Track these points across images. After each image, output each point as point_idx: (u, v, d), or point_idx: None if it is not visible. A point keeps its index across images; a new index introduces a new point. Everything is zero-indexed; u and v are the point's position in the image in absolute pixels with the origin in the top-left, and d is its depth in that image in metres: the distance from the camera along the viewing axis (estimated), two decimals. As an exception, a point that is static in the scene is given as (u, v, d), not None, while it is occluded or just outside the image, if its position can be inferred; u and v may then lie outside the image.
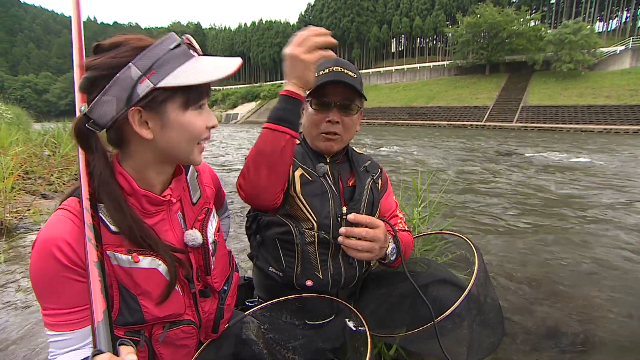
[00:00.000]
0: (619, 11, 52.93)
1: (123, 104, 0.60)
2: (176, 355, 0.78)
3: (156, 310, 0.70)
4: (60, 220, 0.64)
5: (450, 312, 0.86)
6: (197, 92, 0.66)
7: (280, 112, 0.89)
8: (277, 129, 0.88)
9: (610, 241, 3.15)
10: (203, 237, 0.78)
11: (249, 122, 52.69)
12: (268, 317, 1.01)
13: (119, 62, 0.60)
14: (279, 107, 0.90)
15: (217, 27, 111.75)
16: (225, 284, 0.88)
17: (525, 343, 1.66)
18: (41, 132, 6.98)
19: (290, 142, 0.90)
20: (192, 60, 0.65)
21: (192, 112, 0.67)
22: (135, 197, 0.69)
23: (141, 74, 0.60)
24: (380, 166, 1.24)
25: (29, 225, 2.91)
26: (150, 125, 0.64)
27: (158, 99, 0.62)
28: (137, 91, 0.60)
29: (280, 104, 0.90)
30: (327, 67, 1.04)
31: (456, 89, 42.55)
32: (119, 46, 0.62)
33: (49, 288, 0.62)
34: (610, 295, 2.15)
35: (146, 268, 0.68)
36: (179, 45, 0.64)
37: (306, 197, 1.04)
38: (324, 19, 71.58)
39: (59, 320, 0.63)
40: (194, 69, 0.64)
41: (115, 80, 0.60)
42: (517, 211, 4.25)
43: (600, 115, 27.66)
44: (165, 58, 0.61)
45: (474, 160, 9.51)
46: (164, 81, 0.61)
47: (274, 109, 0.91)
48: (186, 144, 0.69)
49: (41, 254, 0.61)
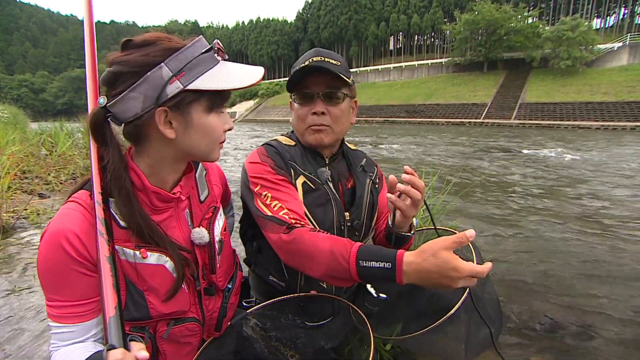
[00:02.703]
0: (616, 8, 52.97)
1: (151, 102, 0.62)
2: (179, 352, 0.78)
3: (162, 307, 0.70)
4: (70, 213, 0.63)
5: (453, 312, 0.86)
6: (222, 97, 0.68)
7: (374, 279, 0.75)
8: (354, 279, 0.76)
9: (613, 237, 3.16)
10: (210, 235, 0.78)
11: (247, 121, 52.58)
12: (269, 315, 1.00)
13: (150, 60, 0.61)
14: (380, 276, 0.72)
15: (214, 26, 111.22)
16: (229, 283, 0.88)
17: (523, 337, 1.67)
18: (38, 131, 6.95)
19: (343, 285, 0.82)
20: (218, 65, 0.67)
21: (214, 115, 0.69)
22: (145, 193, 0.69)
23: (172, 74, 0.61)
24: (375, 163, 1.23)
25: (26, 225, 2.89)
26: (173, 125, 0.65)
27: (185, 100, 0.64)
28: (166, 91, 0.62)
29: (382, 274, 0.72)
30: (306, 59, 0.99)
31: (454, 86, 42.56)
32: (151, 45, 0.63)
33: (56, 280, 0.63)
34: (611, 292, 2.15)
35: (153, 264, 0.68)
36: (209, 50, 0.65)
37: (309, 208, 0.99)
38: (321, 17, 71.39)
39: (63, 312, 0.63)
40: (223, 75, 0.66)
41: (145, 78, 0.61)
42: (516, 208, 4.26)
43: (598, 111, 27.74)
44: (195, 61, 0.63)
45: (473, 157, 9.52)
46: (193, 84, 0.63)
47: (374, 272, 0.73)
48: (206, 145, 0.70)
49: (50, 246, 0.61)
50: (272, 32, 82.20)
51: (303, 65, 0.97)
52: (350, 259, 0.75)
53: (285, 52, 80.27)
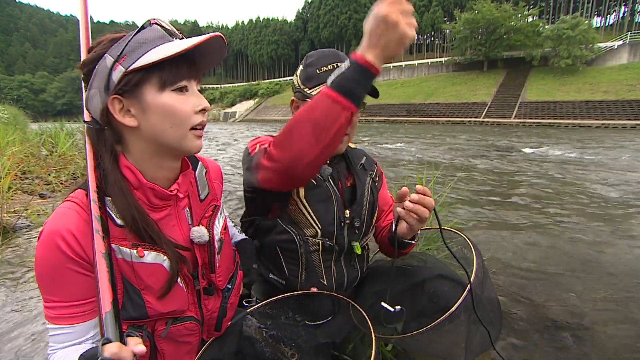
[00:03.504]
0: (616, 6, 52.90)
1: (103, 93, 0.62)
2: (178, 352, 0.78)
3: (159, 306, 0.70)
4: (66, 212, 0.64)
5: (454, 309, 0.86)
6: (173, 72, 0.64)
7: (352, 83, 0.72)
8: (343, 102, 0.71)
9: (612, 236, 3.16)
10: (209, 234, 0.78)
11: (246, 121, 52.57)
12: (270, 314, 1.01)
13: (98, 54, 0.62)
14: (351, 76, 0.72)
15: (214, 26, 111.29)
16: (229, 283, 0.88)
17: (524, 337, 1.67)
18: (38, 132, 6.96)
19: (350, 120, 0.75)
20: (168, 43, 0.65)
21: (171, 93, 0.65)
22: (142, 190, 0.69)
23: (114, 60, 0.61)
24: (375, 161, 1.23)
25: (27, 225, 2.90)
26: (132, 112, 0.64)
27: (131, 82, 0.62)
28: (112, 78, 0.61)
29: (352, 73, 0.72)
30: (329, 63, 0.99)
31: (454, 85, 42.53)
32: (100, 42, 0.64)
33: (52, 280, 0.62)
34: (613, 293, 2.15)
35: (151, 263, 0.68)
36: (145, 28, 0.64)
37: (310, 203, 1.00)
38: (321, 16, 71.38)
39: (60, 313, 0.63)
40: (165, 49, 0.63)
41: (95, 72, 0.62)
42: (517, 207, 4.26)
43: (599, 110, 27.72)
44: (136, 43, 0.62)
45: (474, 155, 9.51)
46: (135, 64, 0.61)
47: (343, 76, 0.72)
48: (172, 129, 0.67)
49: (46, 245, 0.61)
50: (272, 31, 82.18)
51: (327, 70, 0.99)
52: (322, 90, 0.74)
53: (285, 52, 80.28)
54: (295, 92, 1.08)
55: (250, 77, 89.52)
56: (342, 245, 1.06)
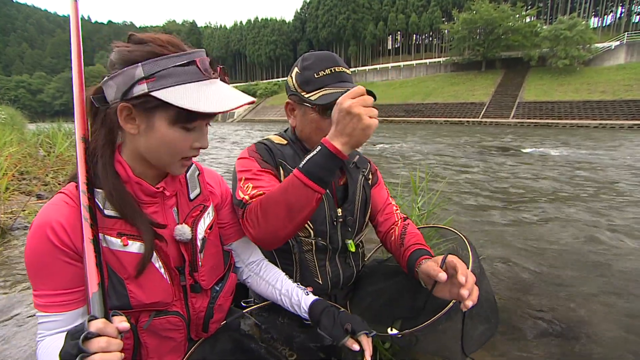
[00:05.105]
0: (613, 7, 53.12)
1: (119, 94, 0.65)
2: (162, 347, 0.78)
3: (142, 296, 0.72)
4: (56, 204, 0.67)
5: (451, 306, 0.87)
6: (190, 115, 0.66)
7: (321, 170, 0.79)
8: (314, 187, 0.79)
9: (616, 237, 3.17)
10: (192, 232, 0.79)
11: (245, 121, 52.54)
12: (266, 316, 1.01)
13: (132, 58, 0.65)
14: (321, 163, 0.79)
15: (212, 26, 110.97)
16: (217, 284, 0.88)
17: (522, 337, 1.67)
18: (36, 132, 6.94)
19: (320, 200, 0.84)
20: (201, 83, 0.66)
21: (177, 129, 0.68)
22: (130, 184, 0.72)
23: (143, 76, 0.64)
24: (368, 159, 1.23)
25: (24, 225, 2.89)
26: (137, 122, 0.67)
27: (149, 104, 0.65)
28: (133, 90, 0.64)
29: (321, 159, 0.79)
30: (327, 67, 0.99)
31: (452, 85, 42.60)
32: (142, 44, 0.66)
33: (41, 269, 0.65)
34: (613, 293, 2.16)
35: (135, 252, 0.70)
36: (187, 64, 0.66)
37: None
38: (319, 17, 71.31)
39: (49, 301, 0.66)
40: (194, 93, 0.65)
41: (122, 72, 0.65)
42: (516, 206, 4.27)
43: (596, 110, 27.80)
44: (170, 71, 0.64)
45: (472, 155, 9.53)
46: (158, 92, 0.64)
47: (313, 161, 0.79)
48: (166, 156, 0.71)
49: (36, 237, 0.64)
50: (270, 32, 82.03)
51: (325, 74, 0.99)
52: (295, 173, 0.81)
53: (283, 52, 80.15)
54: (290, 95, 1.07)
55: (248, 77, 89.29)
56: (336, 244, 1.08)
